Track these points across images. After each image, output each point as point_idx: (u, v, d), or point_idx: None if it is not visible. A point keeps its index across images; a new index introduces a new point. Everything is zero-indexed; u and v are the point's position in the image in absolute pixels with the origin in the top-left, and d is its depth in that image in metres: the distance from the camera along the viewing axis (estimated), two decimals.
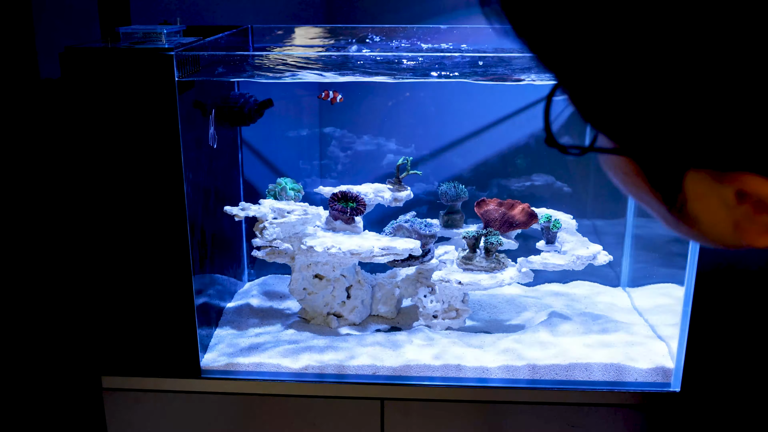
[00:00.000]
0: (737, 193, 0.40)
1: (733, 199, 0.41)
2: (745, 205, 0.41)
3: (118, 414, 1.36)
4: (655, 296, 1.58)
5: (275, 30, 1.59)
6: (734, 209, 0.41)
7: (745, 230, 0.42)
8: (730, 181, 0.40)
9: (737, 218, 0.42)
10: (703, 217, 0.43)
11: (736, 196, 0.41)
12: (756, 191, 0.40)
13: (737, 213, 0.42)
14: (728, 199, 0.41)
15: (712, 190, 0.41)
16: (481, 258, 1.45)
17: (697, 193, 0.42)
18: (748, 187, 0.39)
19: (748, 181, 0.39)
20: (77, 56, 1.16)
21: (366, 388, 1.33)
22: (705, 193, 0.42)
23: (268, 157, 1.71)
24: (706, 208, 0.43)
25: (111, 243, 1.25)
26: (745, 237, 0.42)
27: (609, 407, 1.31)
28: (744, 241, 0.42)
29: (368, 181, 1.58)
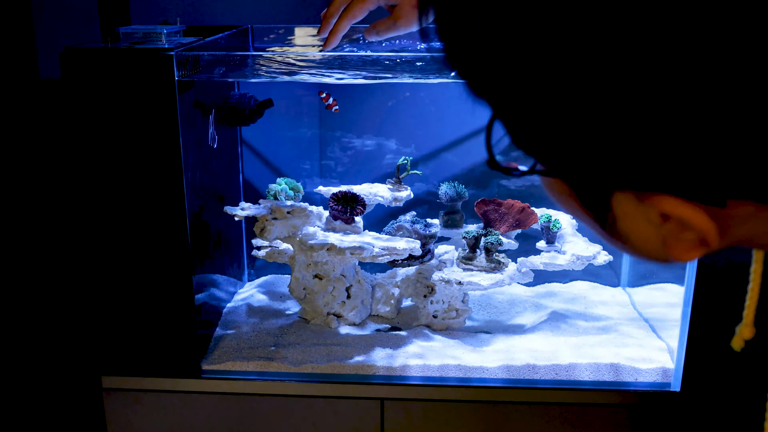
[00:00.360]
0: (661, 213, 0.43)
1: (658, 218, 0.44)
2: (669, 223, 0.44)
3: (118, 414, 1.36)
4: (655, 296, 1.58)
5: (275, 30, 1.59)
6: (660, 227, 0.44)
7: (671, 246, 0.45)
8: (650, 203, 0.42)
9: (664, 235, 0.45)
10: (632, 234, 0.46)
11: (661, 215, 0.43)
12: (672, 212, 0.42)
13: (663, 230, 0.44)
14: (653, 218, 0.44)
15: (637, 210, 0.44)
16: (481, 258, 1.45)
17: (625, 212, 0.45)
18: (666, 209, 0.42)
19: (665, 203, 0.42)
20: (77, 56, 1.16)
21: (366, 388, 1.34)
22: (631, 213, 0.45)
23: (268, 157, 1.71)
24: (635, 226, 0.45)
25: (111, 243, 1.25)
26: (672, 252, 0.45)
27: (609, 407, 1.31)
28: (671, 256, 0.45)
29: (368, 181, 1.58)
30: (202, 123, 1.37)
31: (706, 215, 0.42)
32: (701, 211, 0.42)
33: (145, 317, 1.29)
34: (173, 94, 1.16)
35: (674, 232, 0.44)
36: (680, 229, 0.44)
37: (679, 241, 0.44)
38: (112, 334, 1.31)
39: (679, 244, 0.44)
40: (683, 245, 0.44)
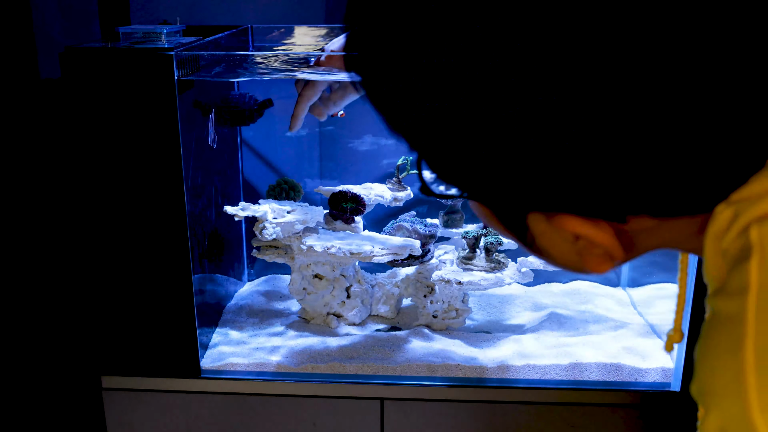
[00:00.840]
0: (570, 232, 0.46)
1: (570, 235, 0.47)
2: (581, 240, 0.47)
3: (118, 414, 1.36)
4: (655, 296, 1.58)
5: (275, 30, 1.59)
6: (574, 243, 0.48)
7: (586, 260, 0.48)
8: (556, 223, 0.46)
9: (579, 250, 0.48)
10: (551, 251, 0.50)
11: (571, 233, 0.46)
12: (575, 231, 0.46)
13: (578, 246, 0.47)
14: (566, 235, 0.47)
15: (550, 229, 0.47)
16: (481, 258, 1.45)
17: (540, 231, 0.48)
18: (569, 228, 0.46)
19: (568, 222, 0.45)
20: (77, 56, 1.16)
21: (366, 388, 1.33)
22: (546, 231, 0.48)
23: (268, 157, 1.71)
24: (551, 244, 0.49)
25: (110, 243, 1.25)
26: (587, 266, 0.48)
27: (609, 407, 1.31)
28: (588, 269, 0.49)
29: (368, 181, 1.58)
30: (202, 123, 1.37)
31: (609, 231, 0.46)
32: (604, 227, 0.46)
33: (145, 317, 1.29)
34: (173, 94, 1.16)
35: (586, 247, 0.47)
36: (590, 245, 0.47)
37: (591, 256, 0.48)
38: (112, 334, 1.31)
39: (592, 258, 0.48)
40: (595, 259, 0.48)
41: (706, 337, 0.41)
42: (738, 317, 0.39)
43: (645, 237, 0.48)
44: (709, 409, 0.40)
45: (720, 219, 0.43)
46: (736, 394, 0.37)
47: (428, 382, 1.33)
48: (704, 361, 0.41)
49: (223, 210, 1.44)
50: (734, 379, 0.38)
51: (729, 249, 0.42)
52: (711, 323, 0.41)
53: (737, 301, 0.39)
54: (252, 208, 1.45)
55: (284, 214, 1.44)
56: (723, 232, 0.43)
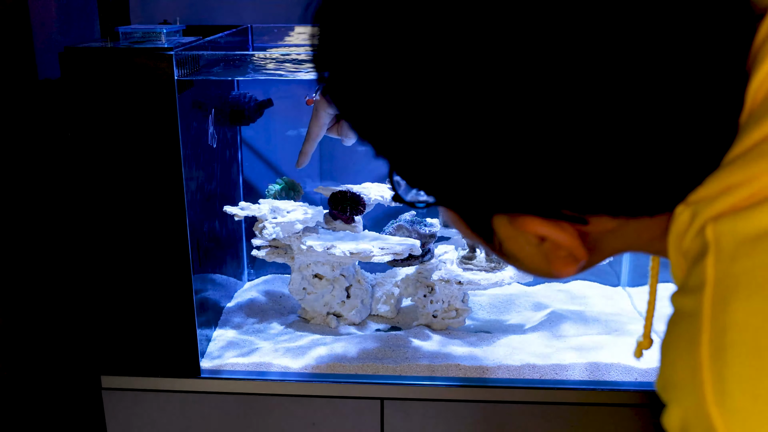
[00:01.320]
0: (533, 233, 0.47)
1: (534, 237, 0.47)
2: (546, 242, 0.47)
3: (117, 414, 1.36)
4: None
5: (275, 30, 1.59)
6: (539, 246, 0.48)
7: (552, 263, 0.48)
8: (518, 225, 0.46)
9: (545, 253, 0.48)
10: (518, 254, 0.50)
11: (535, 235, 0.47)
12: (537, 232, 0.46)
13: (543, 249, 0.48)
14: (530, 238, 0.47)
15: (516, 232, 0.47)
16: (481, 258, 1.45)
17: (506, 234, 0.48)
18: (531, 229, 0.46)
19: (529, 224, 0.45)
20: (77, 56, 1.16)
21: (366, 388, 1.33)
22: (512, 234, 0.47)
23: (268, 157, 1.71)
24: (517, 247, 0.49)
25: (110, 243, 1.25)
26: (554, 269, 0.48)
27: (609, 407, 1.31)
28: (554, 272, 0.49)
29: (368, 181, 1.57)
30: (202, 122, 1.37)
31: (572, 233, 0.46)
32: (566, 228, 0.46)
33: (145, 317, 1.29)
34: (173, 94, 1.16)
35: (551, 249, 0.48)
36: (555, 247, 0.47)
37: (557, 258, 0.48)
38: (112, 334, 1.31)
39: (557, 261, 0.48)
40: (561, 262, 0.48)
41: (669, 334, 0.43)
42: (695, 313, 0.40)
43: (608, 239, 0.48)
44: (670, 402, 0.41)
45: (680, 220, 0.44)
46: (694, 387, 0.39)
47: (428, 382, 1.33)
48: (666, 357, 0.42)
49: (223, 210, 1.44)
50: (692, 373, 0.39)
51: (689, 249, 0.43)
52: (672, 320, 0.43)
53: (694, 297, 0.40)
54: (252, 208, 1.45)
55: (284, 214, 1.44)
56: (683, 232, 0.43)
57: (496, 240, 0.49)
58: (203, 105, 1.37)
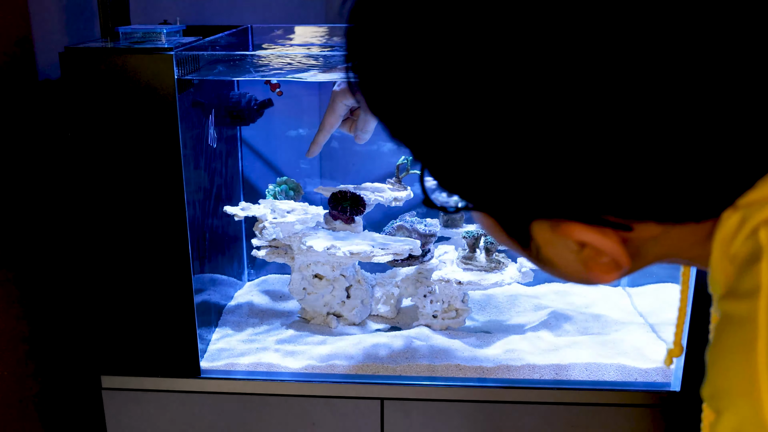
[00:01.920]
0: (575, 240, 0.46)
1: (575, 244, 0.46)
2: (586, 248, 0.47)
3: (117, 414, 1.36)
4: (655, 296, 1.58)
5: (275, 30, 1.59)
6: (579, 252, 0.47)
7: (591, 270, 0.48)
8: (561, 231, 0.45)
9: (583, 259, 0.47)
10: (556, 260, 0.49)
11: (576, 241, 0.46)
12: (580, 239, 0.45)
13: (582, 255, 0.47)
14: (570, 244, 0.47)
15: (554, 238, 0.47)
16: (481, 258, 1.45)
17: (545, 240, 0.47)
18: (575, 236, 0.45)
19: (573, 230, 0.45)
20: (77, 56, 1.16)
21: (366, 388, 1.33)
22: (550, 240, 0.47)
23: (268, 157, 1.71)
24: (556, 253, 0.48)
25: (110, 243, 1.25)
26: (592, 275, 0.47)
27: (609, 407, 1.31)
28: (593, 279, 0.48)
29: (368, 181, 1.58)
30: (202, 122, 1.37)
31: (615, 239, 0.45)
32: (610, 235, 0.45)
33: (145, 317, 1.29)
34: (173, 94, 1.16)
35: (591, 256, 0.47)
36: (596, 254, 0.47)
37: (596, 265, 0.47)
38: (112, 334, 1.31)
39: (597, 267, 0.47)
40: (601, 268, 0.47)
41: (718, 340, 0.42)
42: (749, 318, 0.39)
43: (651, 245, 0.48)
44: (722, 411, 0.40)
45: (728, 224, 0.43)
46: (750, 394, 0.37)
47: (428, 382, 1.33)
48: (716, 364, 0.41)
49: (223, 210, 1.44)
50: (748, 380, 0.38)
51: (738, 253, 0.42)
52: (722, 326, 0.42)
53: (748, 302, 0.39)
54: (252, 208, 1.45)
55: (284, 214, 1.44)
56: (731, 237, 0.43)
57: (533, 246, 0.49)
58: (203, 105, 1.37)
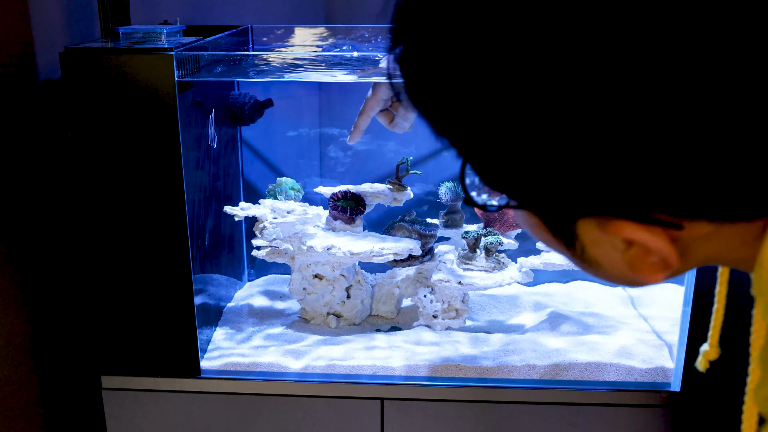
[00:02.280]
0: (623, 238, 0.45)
1: (622, 242, 0.46)
2: (633, 248, 0.46)
3: (117, 414, 1.36)
4: (655, 296, 1.58)
5: (275, 30, 1.59)
6: (625, 252, 0.46)
7: (638, 270, 0.47)
8: (610, 229, 0.45)
9: (630, 259, 0.47)
10: (601, 260, 0.48)
11: (624, 240, 0.45)
12: (630, 237, 0.45)
13: (629, 255, 0.46)
14: (617, 243, 0.46)
15: (602, 236, 0.46)
16: (481, 258, 1.45)
17: (591, 239, 0.46)
18: (624, 234, 0.45)
19: (623, 228, 0.44)
20: (77, 56, 1.16)
21: (366, 388, 1.33)
22: (597, 239, 0.46)
23: (268, 157, 1.71)
24: (602, 252, 0.47)
25: (111, 243, 1.25)
26: (639, 276, 0.47)
27: (609, 407, 1.31)
28: (640, 279, 0.47)
29: (368, 181, 1.58)
30: (202, 123, 1.37)
31: (665, 238, 0.44)
32: (659, 234, 0.44)
33: (145, 317, 1.29)
34: (173, 94, 1.16)
35: (639, 255, 0.46)
36: (644, 253, 0.46)
37: (644, 265, 0.46)
38: (112, 334, 1.31)
39: (645, 267, 0.46)
40: (649, 268, 0.46)
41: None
42: None
43: (700, 245, 0.47)
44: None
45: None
46: None
47: (428, 382, 1.33)
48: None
49: (223, 210, 1.44)
50: None
51: None
52: None
53: None
54: (252, 208, 1.45)
55: (284, 214, 1.44)
56: None
57: (578, 245, 0.48)
58: (203, 105, 1.37)
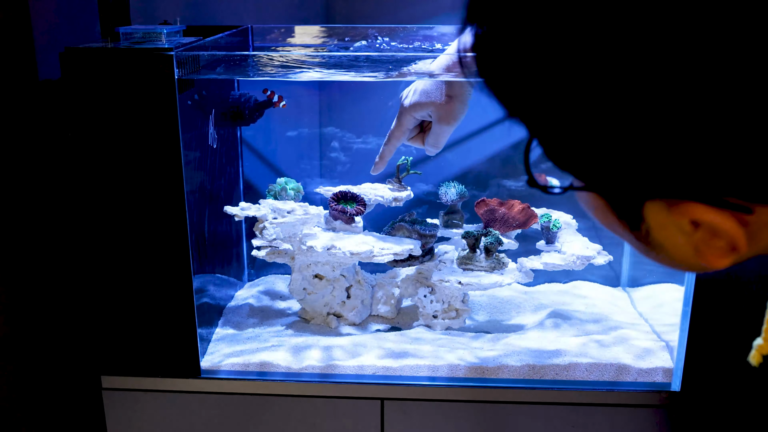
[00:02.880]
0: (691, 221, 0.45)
1: (689, 225, 0.46)
2: (700, 231, 0.46)
3: (117, 414, 1.36)
4: (655, 296, 1.58)
5: (275, 30, 1.59)
6: (691, 235, 0.46)
7: (703, 254, 0.47)
8: (679, 211, 0.44)
9: (696, 243, 0.47)
10: (666, 243, 0.48)
11: (691, 223, 0.45)
12: (700, 219, 0.44)
13: (695, 239, 0.46)
14: (684, 226, 0.46)
15: (668, 219, 0.46)
16: (481, 258, 1.45)
17: (657, 221, 0.46)
18: (695, 216, 0.44)
19: (693, 210, 0.44)
20: (77, 56, 1.16)
21: (366, 388, 1.33)
22: (664, 222, 0.46)
23: (268, 157, 1.71)
24: (668, 236, 0.47)
25: (111, 243, 1.25)
26: (704, 260, 0.46)
27: (609, 407, 1.31)
28: (704, 264, 0.47)
29: (368, 181, 1.58)
30: (202, 123, 1.37)
31: (734, 221, 0.44)
32: (729, 217, 0.44)
33: (145, 317, 1.29)
34: (173, 94, 1.16)
35: (705, 239, 0.46)
36: (710, 237, 0.45)
37: (710, 249, 0.46)
38: (112, 334, 1.31)
39: (711, 251, 0.46)
40: (715, 252, 0.46)
41: None
42: None
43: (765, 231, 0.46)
44: None
45: None
46: None
47: (428, 382, 1.33)
48: None
49: (223, 210, 1.44)
50: None
51: None
52: None
53: None
54: (252, 208, 1.45)
55: (284, 214, 1.44)
56: None
57: (643, 228, 0.48)
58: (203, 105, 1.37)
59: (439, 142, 1.21)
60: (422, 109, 1.18)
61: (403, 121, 1.21)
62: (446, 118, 1.16)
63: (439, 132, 1.20)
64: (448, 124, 1.18)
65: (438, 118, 1.17)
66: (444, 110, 1.16)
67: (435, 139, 1.21)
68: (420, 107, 1.18)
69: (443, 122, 1.17)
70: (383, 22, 1.57)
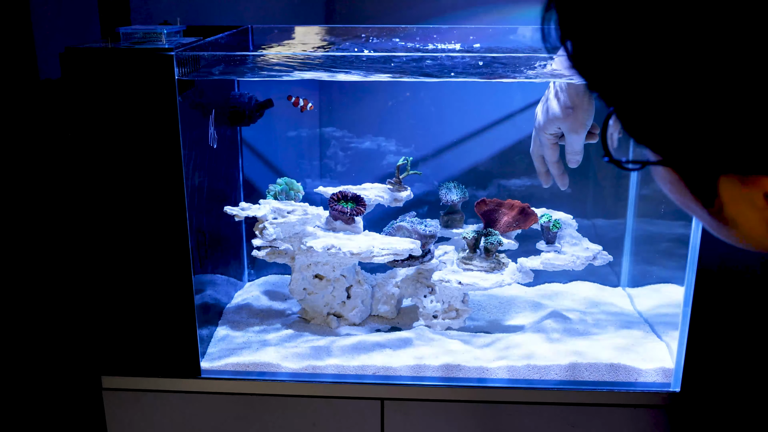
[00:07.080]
0: (765, 195, 0.46)
1: (762, 200, 0.46)
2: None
3: (118, 414, 1.36)
4: (655, 296, 1.58)
5: (275, 30, 1.59)
6: (764, 210, 0.47)
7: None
8: (754, 185, 0.45)
9: None
10: (738, 219, 0.49)
11: (765, 197, 0.46)
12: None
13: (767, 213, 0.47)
14: (757, 200, 0.47)
15: (742, 194, 0.47)
16: (481, 258, 1.45)
17: (731, 196, 0.48)
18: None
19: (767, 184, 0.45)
20: (78, 56, 1.16)
21: (366, 388, 1.34)
22: (737, 196, 0.47)
23: (268, 157, 1.71)
24: (740, 211, 0.48)
25: (111, 243, 1.25)
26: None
27: (609, 407, 1.31)
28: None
29: (368, 181, 1.58)
30: (203, 123, 1.37)
31: None
32: None
33: (145, 317, 1.29)
34: (173, 94, 1.16)
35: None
36: None
37: None
38: (112, 334, 1.31)
39: None
40: None
41: None
42: None
43: None
44: None
45: None
46: None
47: (428, 382, 1.33)
48: None
49: (223, 210, 1.44)
50: None
51: None
52: None
53: None
54: (252, 208, 1.45)
55: (284, 214, 1.44)
56: None
57: (717, 203, 0.49)
58: (203, 105, 1.37)
59: (574, 150, 1.26)
60: (551, 125, 1.24)
61: (538, 141, 1.28)
62: (574, 128, 1.22)
63: (572, 141, 1.25)
64: (577, 134, 1.23)
65: (568, 130, 1.23)
66: (570, 121, 1.22)
67: (570, 148, 1.26)
68: (549, 124, 1.24)
69: (573, 132, 1.23)
70: (383, 22, 1.58)
